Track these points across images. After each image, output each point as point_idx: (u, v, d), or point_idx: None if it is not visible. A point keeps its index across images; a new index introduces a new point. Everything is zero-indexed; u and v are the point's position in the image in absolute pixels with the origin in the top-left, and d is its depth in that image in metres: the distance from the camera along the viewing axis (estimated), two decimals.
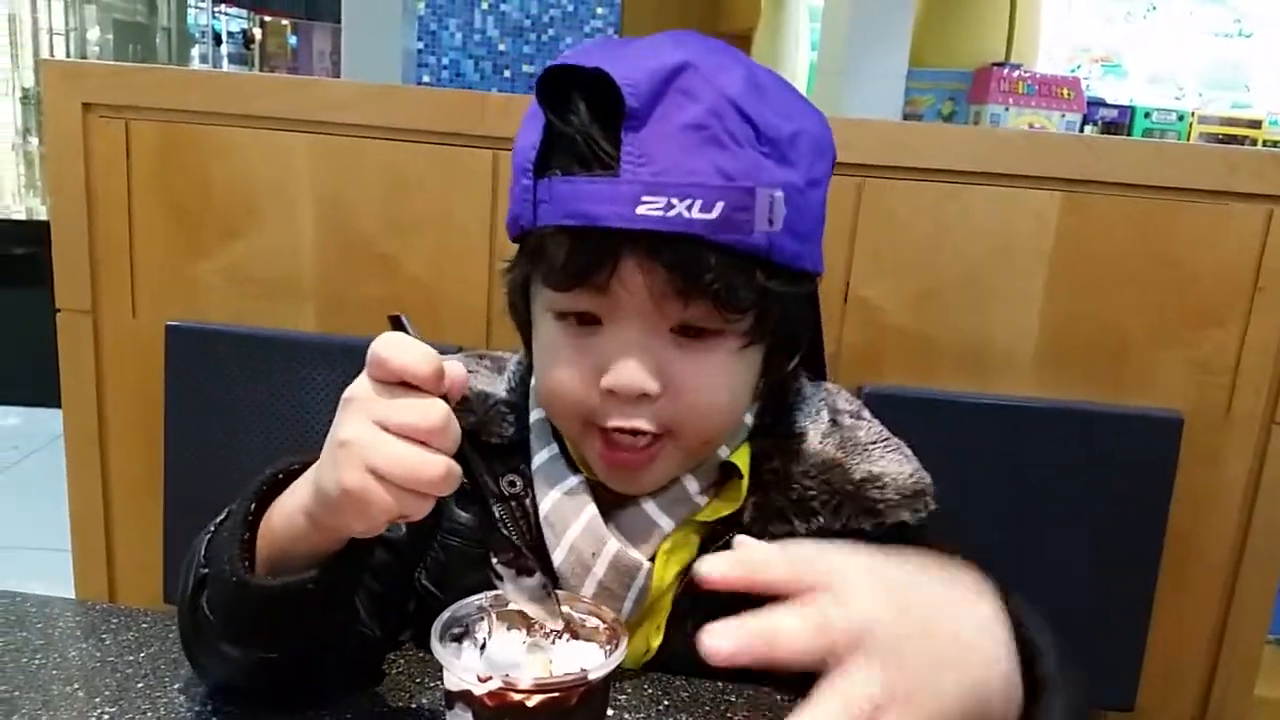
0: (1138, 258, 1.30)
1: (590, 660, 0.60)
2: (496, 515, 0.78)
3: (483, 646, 0.63)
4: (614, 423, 0.73)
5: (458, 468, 0.59)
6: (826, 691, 0.46)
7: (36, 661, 0.74)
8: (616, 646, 0.59)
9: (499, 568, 0.63)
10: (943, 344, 1.33)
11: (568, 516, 0.78)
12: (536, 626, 0.64)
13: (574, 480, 0.79)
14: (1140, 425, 1.31)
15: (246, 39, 6.79)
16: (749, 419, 0.82)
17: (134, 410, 1.40)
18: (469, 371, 0.86)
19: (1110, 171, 1.28)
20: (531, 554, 0.75)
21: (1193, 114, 4.03)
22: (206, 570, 0.67)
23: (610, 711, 0.71)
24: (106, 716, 0.68)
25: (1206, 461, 1.32)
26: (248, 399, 1.31)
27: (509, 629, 0.64)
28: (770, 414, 0.83)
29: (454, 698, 0.58)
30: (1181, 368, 1.32)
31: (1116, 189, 1.28)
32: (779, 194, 0.69)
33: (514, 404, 0.84)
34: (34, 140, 5.19)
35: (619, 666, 0.58)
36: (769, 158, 0.70)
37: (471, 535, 0.81)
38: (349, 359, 0.85)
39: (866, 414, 0.87)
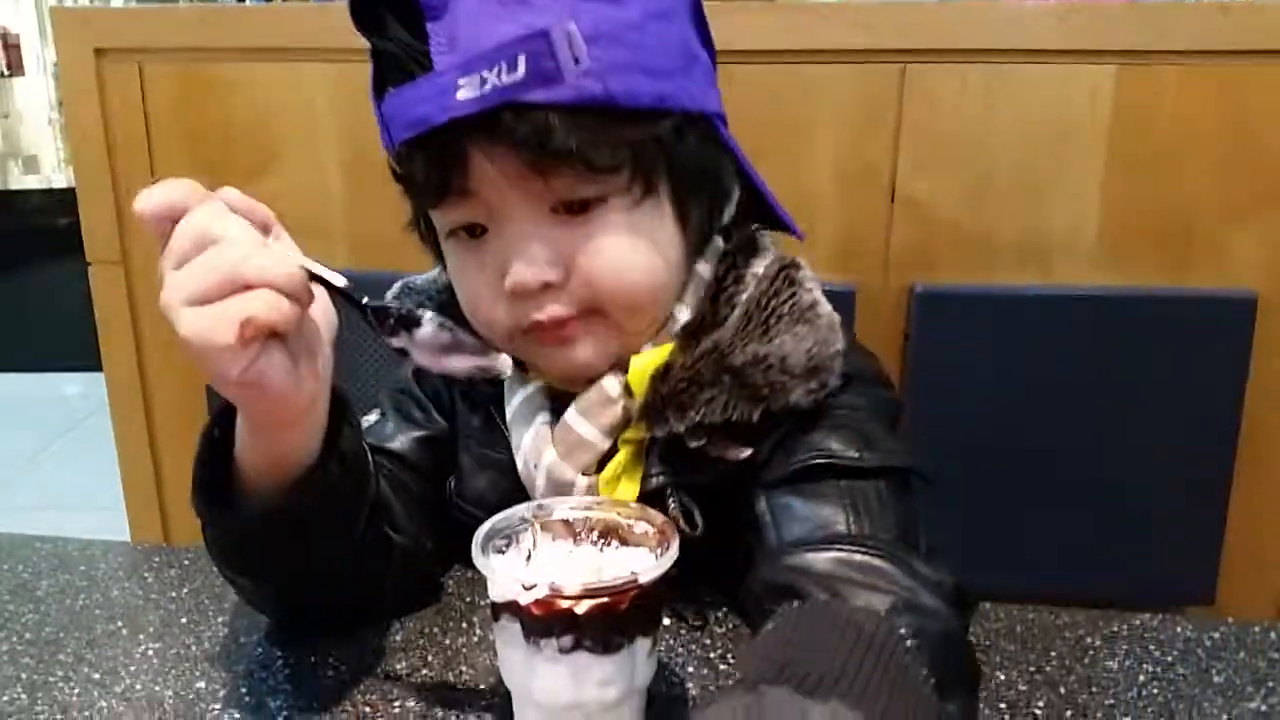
0: (1204, 130, 1.22)
1: (641, 565, 0.56)
2: (494, 416, 0.78)
3: (528, 557, 0.59)
4: (534, 318, 0.69)
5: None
6: None
7: (81, 602, 0.73)
8: (667, 549, 0.55)
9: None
10: (998, 236, 1.26)
11: (521, 425, 0.75)
12: (582, 535, 0.61)
13: (528, 389, 0.76)
14: (1212, 308, 1.25)
15: None
16: (683, 314, 0.74)
17: (174, 358, 1.39)
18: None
19: (1170, 39, 1.20)
20: (509, 457, 0.76)
21: None
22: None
23: (667, 621, 0.68)
24: (151, 652, 0.66)
25: None
26: None
27: (554, 539, 0.60)
28: (705, 311, 0.74)
29: (500, 609, 0.55)
30: (1254, 245, 1.24)
31: (1178, 57, 1.20)
32: (572, 28, 0.62)
33: None
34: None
35: (672, 570, 0.55)
36: (587, 0, 0.64)
37: (480, 437, 0.79)
38: (383, 295, 0.82)
39: (809, 285, 0.75)
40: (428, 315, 0.58)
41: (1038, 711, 0.60)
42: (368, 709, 0.60)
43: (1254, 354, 1.23)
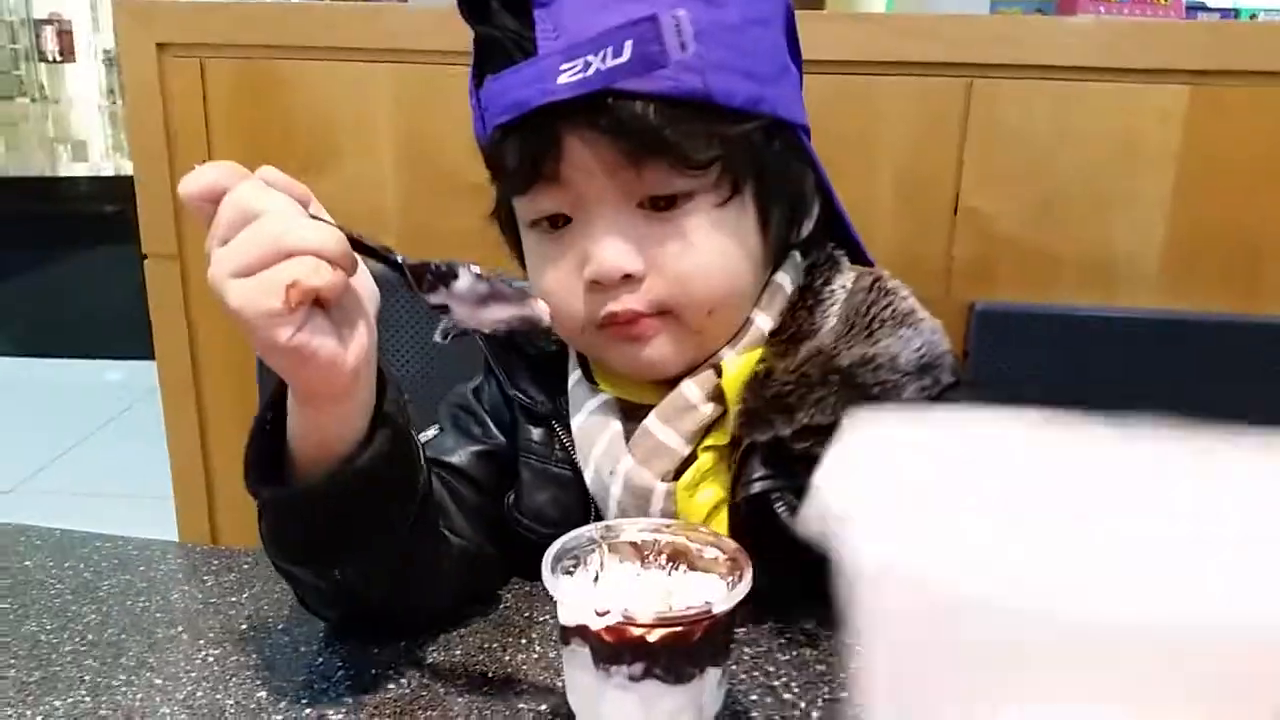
0: (1276, 154, 1.19)
1: (712, 592, 0.55)
2: (556, 431, 0.78)
3: (595, 579, 0.59)
4: (609, 308, 0.70)
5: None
6: None
7: (141, 604, 0.73)
8: (741, 578, 0.55)
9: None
10: (1061, 255, 1.24)
11: (593, 435, 0.75)
12: (650, 558, 0.60)
13: (598, 399, 0.77)
14: (1277, 335, 1.22)
15: None
16: (765, 322, 0.75)
17: (227, 353, 1.39)
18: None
19: (1242, 59, 1.17)
20: (572, 475, 0.76)
21: None
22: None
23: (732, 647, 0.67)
24: (211, 658, 0.66)
25: None
26: None
27: (621, 561, 0.60)
28: (798, 319, 0.75)
29: (570, 633, 0.54)
30: None
31: (1250, 79, 1.18)
32: (682, 13, 0.63)
33: None
34: (120, 102, 5.29)
35: (744, 600, 0.54)
36: (689, 0, 0.64)
37: (541, 452, 0.79)
38: None
39: (903, 292, 0.76)
40: (464, 267, 0.58)
41: None
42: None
43: None
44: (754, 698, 0.62)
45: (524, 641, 0.68)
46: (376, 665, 0.65)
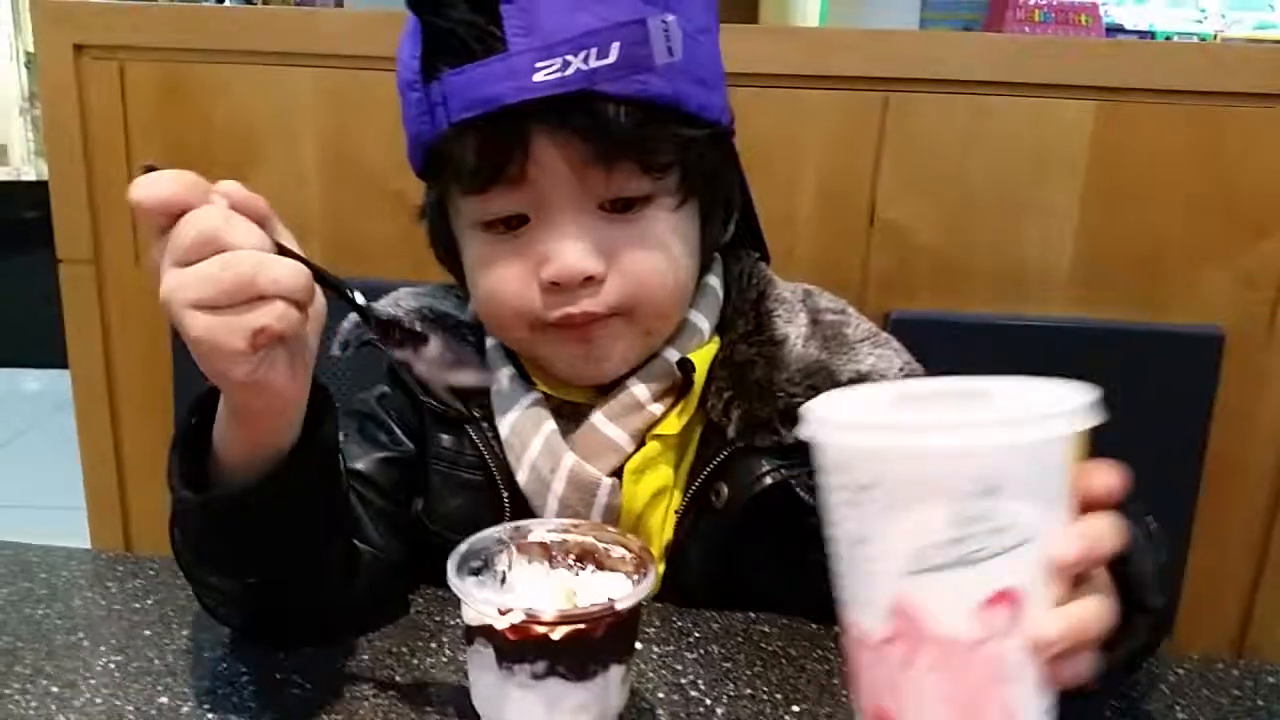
0: (1177, 168, 1.23)
1: (617, 590, 0.56)
2: (470, 435, 0.78)
3: (503, 579, 0.59)
4: (562, 311, 0.71)
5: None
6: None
7: (40, 611, 0.71)
8: (645, 575, 0.55)
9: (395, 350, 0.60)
10: (974, 265, 1.27)
11: (526, 435, 0.76)
12: (559, 558, 0.60)
13: (530, 397, 0.77)
14: (1180, 343, 1.26)
15: None
16: (702, 322, 0.78)
17: (142, 360, 1.36)
18: (437, 298, 0.84)
19: (1147, 77, 1.21)
20: (499, 476, 0.76)
21: (1215, 36, 3.91)
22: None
23: (639, 645, 0.68)
24: (113, 665, 0.65)
25: (1249, 379, 1.27)
26: None
27: (530, 561, 0.60)
28: (749, 321, 0.79)
29: (474, 632, 0.54)
30: (1223, 283, 1.26)
31: (1154, 95, 1.22)
32: (671, 18, 0.65)
33: (475, 327, 0.82)
34: (40, 106, 5.17)
35: (647, 597, 0.55)
36: (650, 4, 0.66)
37: (452, 458, 0.79)
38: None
39: (853, 312, 0.83)
40: (434, 334, 0.60)
41: None
42: None
43: (1220, 389, 1.25)
44: (660, 695, 0.63)
45: (433, 645, 0.68)
46: (281, 670, 0.64)
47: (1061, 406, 0.42)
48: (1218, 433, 1.26)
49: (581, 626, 0.52)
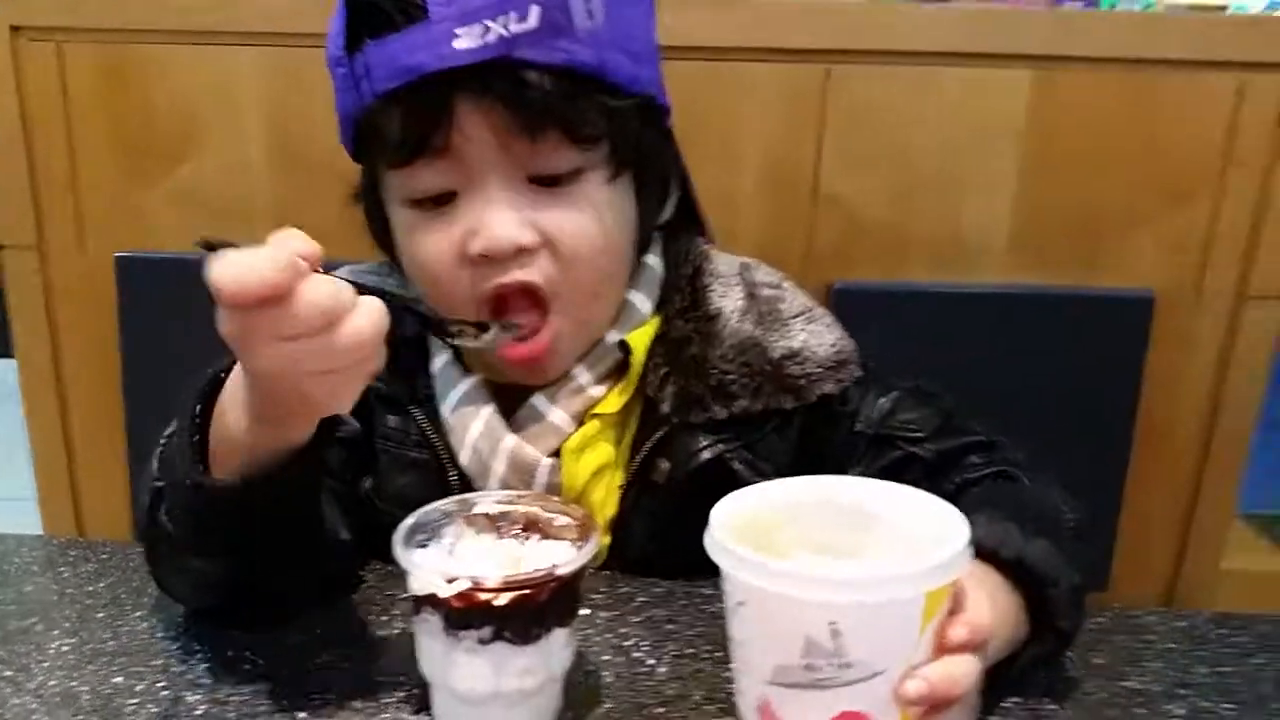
0: (1111, 135, 1.27)
1: (561, 557, 0.58)
2: (415, 417, 0.79)
3: (450, 551, 0.61)
4: (495, 282, 0.71)
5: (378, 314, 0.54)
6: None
7: None
8: (587, 541, 0.57)
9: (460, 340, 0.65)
10: (915, 236, 1.30)
11: (467, 419, 0.77)
12: (505, 528, 0.62)
13: (469, 382, 0.78)
14: (1112, 306, 1.30)
15: None
16: (642, 302, 0.80)
17: (90, 347, 1.36)
18: (379, 275, 0.85)
19: (1082, 45, 1.24)
20: (445, 451, 0.78)
21: (1156, 3, 3.94)
22: (160, 483, 0.64)
23: (585, 611, 0.70)
24: (66, 648, 0.66)
25: (1178, 340, 1.32)
26: (202, 326, 1.26)
27: (477, 533, 0.62)
28: (684, 297, 0.81)
29: (420, 602, 0.56)
30: (1154, 247, 1.30)
31: (1088, 64, 1.25)
32: None
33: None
34: None
35: (590, 563, 0.57)
36: None
37: (399, 438, 0.80)
38: None
39: (789, 286, 0.85)
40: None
41: None
42: (285, 701, 0.61)
43: (1150, 350, 1.29)
44: (605, 657, 0.65)
45: (384, 619, 0.70)
46: (234, 648, 0.66)
47: (919, 566, 0.47)
48: (1149, 393, 1.30)
49: (526, 592, 0.54)
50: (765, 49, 1.24)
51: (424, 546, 0.59)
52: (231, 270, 0.49)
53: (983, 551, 0.59)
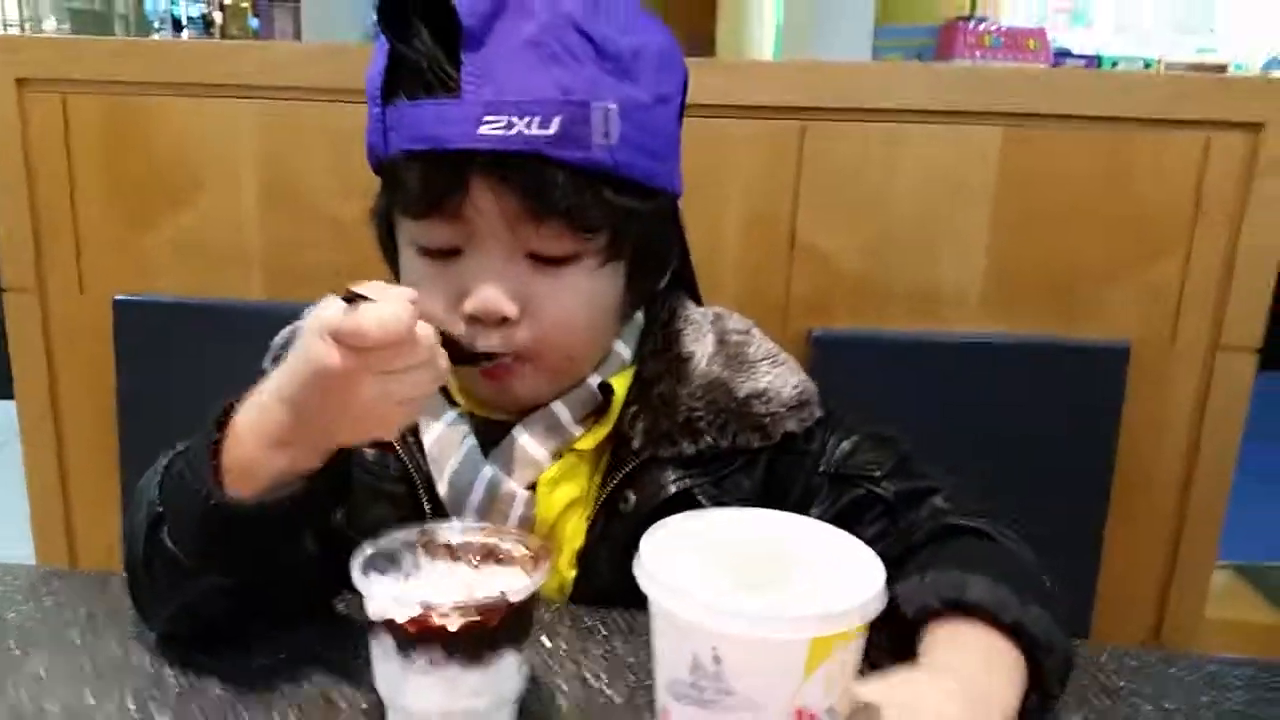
0: (1082, 189, 1.30)
1: (512, 583, 0.60)
2: (396, 449, 0.81)
3: (407, 577, 0.63)
4: (479, 346, 0.76)
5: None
6: None
7: None
8: (539, 569, 0.60)
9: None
10: (892, 286, 1.33)
11: (447, 448, 0.80)
12: (464, 557, 0.65)
13: (452, 413, 0.82)
14: (1088, 356, 1.32)
15: (206, 23, 6.70)
16: (625, 350, 0.84)
17: (87, 387, 1.39)
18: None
19: (1052, 103, 1.28)
20: (422, 483, 0.80)
21: (1159, 61, 4.02)
22: (162, 509, 0.67)
23: (546, 643, 0.72)
24: (41, 670, 0.68)
25: (1154, 389, 1.34)
26: (198, 369, 1.30)
27: (434, 560, 0.64)
28: (657, 341, 0.85)
29: (376, 627, 0.58)
30: (1128, 297, 1.32)
31: (1058, 121, 1.29)
32: (613, 107, 0.70)
33: None
34: None
35: (540, 591, 0.59)
36: (610, 74, 0.71)
37: (375, 470, 0.82)
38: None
39: (757, 332, 0.89)
40: None
41: None
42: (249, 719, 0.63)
43: (1127, 400, 1.31)
44: (563, 686, 0.67)
45: (350, 645, 0.71)
46: (203, 670, 0.68)
47: (804, 611, 0.49)
48: (1125, 442, 1.32)
49: (476, 618, 0.56)
50: (743, 106, 1.29)
51: (383, 573, 0.62)
52: (374, 316, 0.58)
53: (982, 614, 0.63)
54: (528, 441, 0.80)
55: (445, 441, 0.81)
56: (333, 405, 0.62)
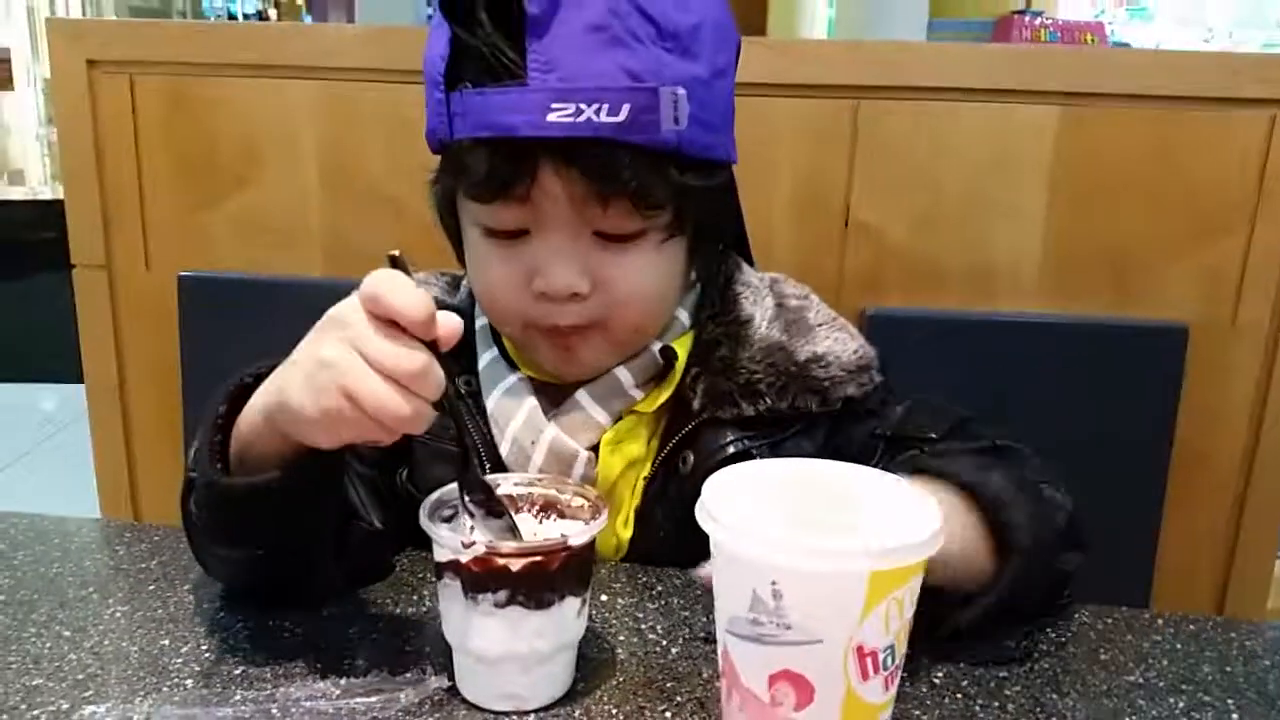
0: (1140, 169, 1.28)
1: (573, 530, 0.61)
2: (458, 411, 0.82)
3: (471, 529, 0.64)
4: (550, 320, 0.77)
5: (430, 411, 0.58)
6: None
7: (55, 570, 0.77)
8: (598, 517, 0.61)
9: (470, 506, 0.64)
10: (946, 264, 1.33)
11: (510, 411, 0.82)
12: (524, 509, 0.66)
13: (513, 378, 0.83)
14: (1146, 337, 1.30)
15: (261, 19, 6.81)
16: (685, 316, 0.85)
17: (152, 361, 1.43)
18: (425, 284, 0.90)
19: (1109, 83, 1.27)
20: (484, 448, 0.81)
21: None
22: (193, 474, 0.68)
23: (604, 597, 0.73)
24: (119, 614, 0.71)
25: (1213, 372, 1.32)
26: (259, 344, 1.32)
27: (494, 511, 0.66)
28: (716, 304, 0.85)
29: (443, 569, 0.60)
30: (1187, 279, 1.31)
31: (1116, 100, 1.27)
32: (682, 92, 0.70)
33: (462, 311, 0.86)
34: (55, 126, 5.25)
35: (598, 546, 0.61)
36: (671, 52, 0.71)
37: (436, 431, 0.82)
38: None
39: (815, 298, 0.90)
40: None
41: (936, 680, 0.65)
42: (319, 665, 0.64)
43: (1186, 382, 1.29)
44: (621, 637, 0.68)
45: (415, 597, 0.74)
46: (275, 619, 0.70)
47: (864, 545, 0.49)
48: (1184, 423, 1.30)
49: (538, 559, 0.58)
50: (796, 85, 1.29)
51: (448, 521, 0.63)
52: (390, 283, 0.57)
53: (946, 478, 0.67)
54: (589, 403, 0.81)
55: (506, 403, 0.82)
56: (310, 363, 0.59)
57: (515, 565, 0.57)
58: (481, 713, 0.60)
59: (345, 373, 0.57)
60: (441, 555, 0.60)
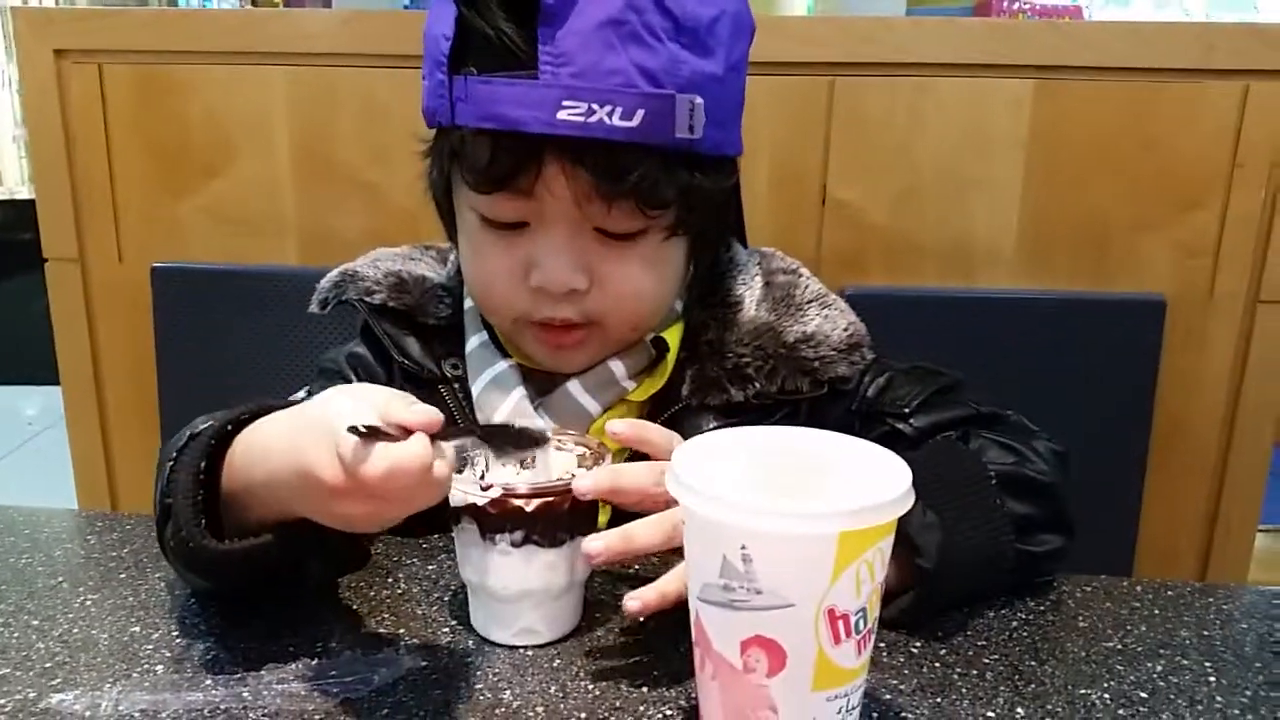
0: (1115, 142, 1.29)
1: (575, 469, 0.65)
2: (443, 396, 0.82)
3: (482, 476, 0.66)
4: (544, 314, 0.76)
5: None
6: None
7: (23, 561, 0.76)
8: (601, 461, 0.64)
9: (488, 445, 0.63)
10: (924, 241, 1.32)
11: (495, 403, 0.80)
12: (530, 459, 0.67)
13: (503, 365, 0.81)
14: (1123, 310, 1.31)
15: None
16: (678, 304, 0.84)
17: (127, 353, 1.42)
18: (412, 259, 0.88)
19: (1083, 55, 1.27)
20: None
21: None
22: (170, 501, 0.64)
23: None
24: (89, 602, 0.70)
25: (1191, 344, 1.32)
26: (235, 335, 1.32)
27: (504, 465, 0.67)
28: (704, 288, 0.84)
29: (459, 512, 0.62)
30: (1163, 251, 1.31)
31: (1090, 73, 1.27)
32: (699, 100, 0.68)
33: (450, 289, 0.86)
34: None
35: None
36: (687, 49, 0.69)
37: None
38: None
39: (805, 272, 0.88)
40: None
41: (914, 650, 0.65)
42: (292, 648, 0.64)
43: (1164, 354, 1.30)
44: (619, 581, 0.69)
45: (390, 580, 0.73)
46: (246, 604, 0.69)
47: (832, 508, 0.48)
48: (1164, 396, 1.31)
49: (550, 499, 0.60)
50: (771, 62, 1.28)
51: (459, 471, 0.63)
52: (387, 463, 0.52)
53: None
54: (581, 394, 0.80)
55: (493, 390, 0.81)
56: (313, 501, 0.57)
57: (529, 506, 0.60)
58: (456, 687, 0.60)
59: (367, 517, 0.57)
60: (457, 499, 0.62)
